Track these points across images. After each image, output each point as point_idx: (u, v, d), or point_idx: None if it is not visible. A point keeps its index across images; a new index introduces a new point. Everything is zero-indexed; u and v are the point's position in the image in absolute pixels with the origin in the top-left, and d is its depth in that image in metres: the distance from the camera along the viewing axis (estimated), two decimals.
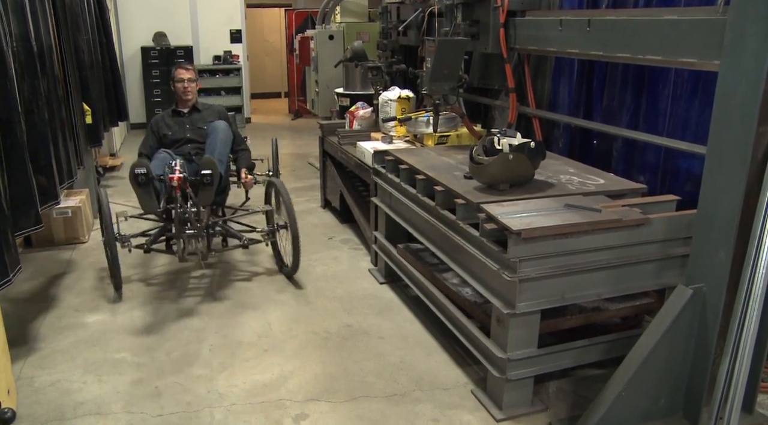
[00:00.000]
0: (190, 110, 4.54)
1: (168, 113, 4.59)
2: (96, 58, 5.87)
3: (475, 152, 3.09)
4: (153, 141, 4.46)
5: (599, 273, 2.71)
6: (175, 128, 4.45)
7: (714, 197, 2.43)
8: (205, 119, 4.50)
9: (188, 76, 4.49)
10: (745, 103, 2.27)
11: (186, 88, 4.48)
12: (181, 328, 3.59)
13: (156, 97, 9.71)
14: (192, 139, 4.42)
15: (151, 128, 4.52)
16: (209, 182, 3.69)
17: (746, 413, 2.67)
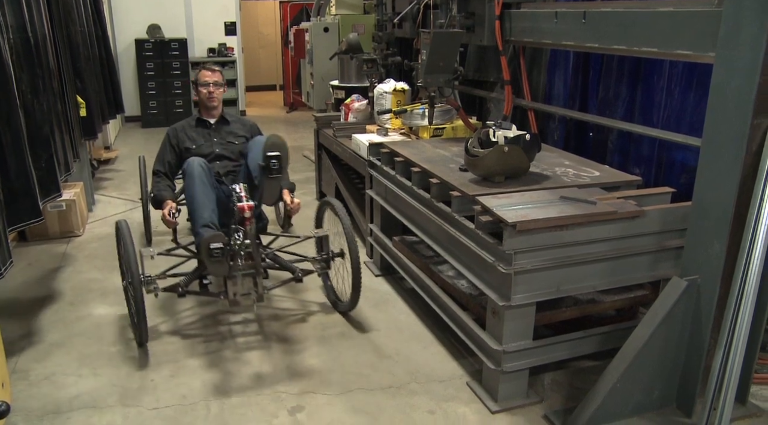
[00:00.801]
0: (217, 121, 3.88)
1: (189, 123, 3.88)
2: (91, 50, 5.83)
3: (471, 144, 3.08)
4: (172, 156, 3.75)
5: (594, 265, 2.72)
6: (200, 141, 3.78)
7: (709, 189, 2.44)
8: (236, 132, 3.86)
9: (214, 79, 3.81)
10: (740, 95, 2.27)
11: (211, 93, 3.80)
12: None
13: (150, 90, 9.66)
14: (222, 155, 3.75)
15: (169, 140, 3.79)
16: (277, 169, 3.09)
17: (739, 404, 2.69)
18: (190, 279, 3.36)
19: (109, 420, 2.71)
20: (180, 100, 9.81)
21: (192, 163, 3.36)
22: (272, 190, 3.19)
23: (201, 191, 3.30)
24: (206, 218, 3.22)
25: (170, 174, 3.73)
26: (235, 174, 3.71)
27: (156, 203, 3.55)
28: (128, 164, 7.37)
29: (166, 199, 3.48)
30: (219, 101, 3.85)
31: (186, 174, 3.38)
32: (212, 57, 10.24)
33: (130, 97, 9.87)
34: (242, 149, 3.75)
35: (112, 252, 4.56)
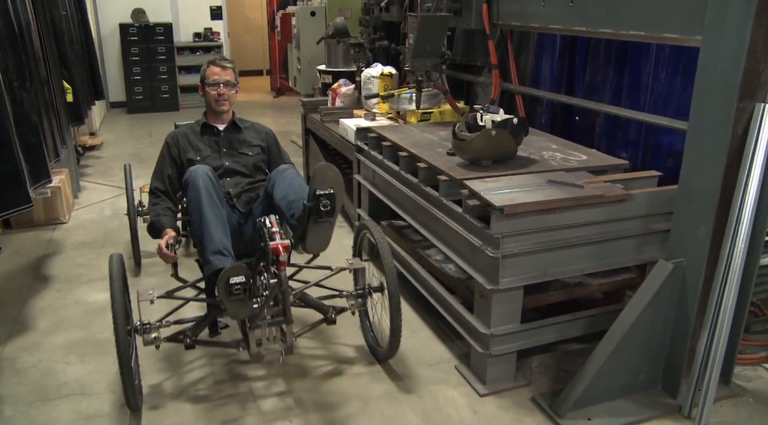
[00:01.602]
0: (227, 128, 3.19)
1: (193, 129, 3.19)
2: (74, 35, 5.75)
3: (458, 128, 3.08)
4: (172, 170, 3.05)
5: (581, 249, 2.73)
6: (206, 151, 3.10)
7: (695, 173, 2.45)
8: (249, 142, 3.19)
9: (225, 77, 3.10)
10: (726, 79, 2.28)
11: (221, 96, 3.10)
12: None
13: (135, 76, 9.56)
14: (233, 170, 3.08)
15: (169, 150, 3.09)
16: (329, 211, 2.41)
17: (724, 384, 2.72)
18: (200, 326, 2.72)
19: (97, 407, 2.70)
20: (166, 86, 9.72)
21: (196, 172, 2.73)
22: (320, 236, 2.49)
23: (209, 206, 2.65)
24: (218, 243, 2.59)
25: (172, 192, 3.04)
26: (249, 195, 3.03)
27: (153, 231, 2.90)
28: (113, 150, 7.31)
29: (165, 227, 2.84)
30: (230, 105, 3.16)
31: (189, 185, 2.72)
32: (198, 42, 10.15)
33: (115, 83, 9.79)
34: (257, 162, 3.14)
35: (99, 239, 4.57)
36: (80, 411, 2.68)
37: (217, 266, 2.52)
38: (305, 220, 2.43)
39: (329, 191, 2.39)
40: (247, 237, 2.94)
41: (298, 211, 2.57)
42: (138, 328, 2.55)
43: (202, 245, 2.65)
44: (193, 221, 2.71)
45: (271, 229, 2.48)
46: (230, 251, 2.62)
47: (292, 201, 2.67)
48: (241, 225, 2.96)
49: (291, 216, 2.65)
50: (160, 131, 8.32)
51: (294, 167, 2.95)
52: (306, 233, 2.46)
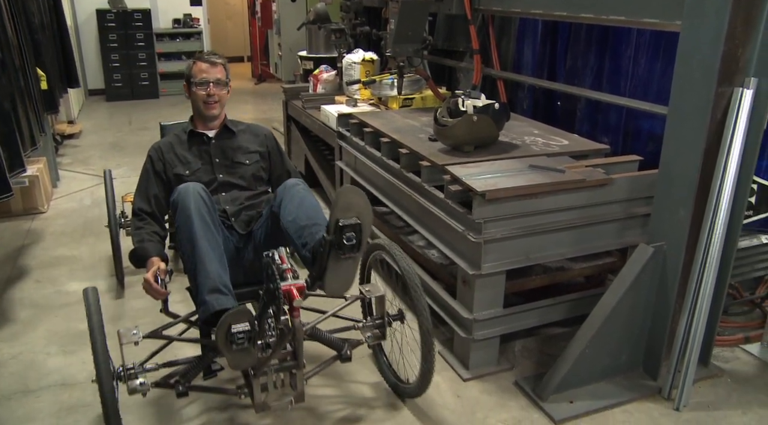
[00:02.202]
0: (218, 134, 2.78)
1: (179, 138, 2.76)
2: (45, 19, 5.62)
3: (440, 113, 3.07)
4: (158, 188, 2.66)
5: (563, 233, 2.74)
6: (195, 163, 2.70)
7: (674, 157, 2.47)
8: (245, 148, 2.78)
9: (215, 75, 2.69)
10: (705, 64, 2.29)
11: (210, 97, 2.69)
12: None
13: (114, 63, 9.42)
14: (229, 183, 2.70)
15: (152, 165, 2.69)
16: (354, 246, 2.08)
17: (702, 365, 2.76)
18: (194, 371, 2.30)
19: (79, 397, 2.68)
20: (145, 73, 9.60)
21: (185, 191, 2.32)
22: (343, 275, 2.13)
23: (203, 233, 2.24)
24: (215, 279, 2.18)
25: (158, 213, 2.64)
26: (249, 214, 2.65)
27: (137, 260, 2.47)
28: (92, 138, 7.22)
29: (151, 256, 2.41)
30: (221, 107, 2.75)
31: (178, 208, 2.30)
32: (177, 28, 10.02)
33: (93, 70, 9.64)
34: (256, 171, 2.75)
35: (79, 229, 4.52)
36: (62, 401, 2.66)
37: (215, 309, 2.12)
38: (325, 256, 2.07)
39: (355, 220, 2.04)
40: (247, 263, 2.55)
41: (312, 240, 2.21)
42: (120, 374, 2.11)
43: (195, 280, 2.23)
44: (184, 251, 2.27)
45: (281, 266, 2.09)
46: (229, 287, 2.21)
47: (303, 227, 2.27)
48: (240, 250, 2.56)
49: (303, 245, 2.25)
50: (140, 118, 8.24)
51: (303, 182, 2.50)
52: (325, 271, 2.09)
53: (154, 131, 7.42)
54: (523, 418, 2.53)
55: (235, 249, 2.55)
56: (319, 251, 2.13)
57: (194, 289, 2.27)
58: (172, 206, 2.39)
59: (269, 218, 2.51)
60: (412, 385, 2.52)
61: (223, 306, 2.13)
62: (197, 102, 2.73)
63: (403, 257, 2.41)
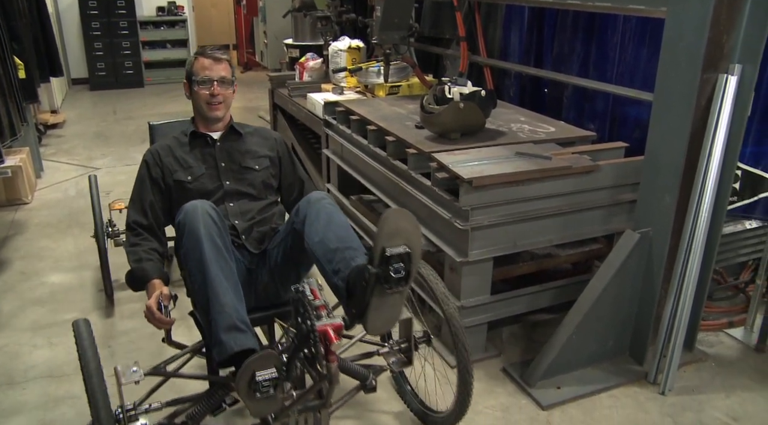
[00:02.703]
0: (223, 135, 2.47)
1: (179, 140, 2.45)
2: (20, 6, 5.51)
3: (426, 101, 3.06)
4: (156, 196, 2.34)
5: (550, 220, 2.75)
6: (198, 168, 2.38)
7: (660, 143, 2.48)
8: (254, 152, 2.47)
9: (219, 72, 2.39)
10: (690, 50, 2.30)
11: (215, 97, 2.39)
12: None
13: (97, 51, 9.29)
14: (237, 191, 2.38)
15: (149, 171, 2.36)
16: (402, 279, 1.74)
17: (687, 350, 2.79)
18: (202, 412, 2.05)
19: (66, 389, 2.67)
20: (129, 62, 9.48)
21: (193, 212, 2.00)
22: (387, 312, 1.81)
23: (216, 260, 1.93)
24: (231, 314, 1.88)
25: (156, 226, 2.33)
26: (262, 230, 2.34)
27: (134, 282, 2.17)
28: (76, 128, 7.14)
29: (151, 278, 2.13)
30: (226, 108, 2.46)
31: (186, 232, 1.99)
32: (161, 16, 9.91)
33: (76, 59, 9.51)
34: (266, 179, 2.44)
35: (64, 219, 4.48)
36: (49, 393, 2.64)
37: (233, 350, 1.82)
38: (369, 291, 1.75)
39: (403, 249, 1.72)
40: (260, 286, 2.26)
41: (346, 267, 1.90)
42: (120, 417, 1.86)
43: (207, 315, 1.92)
44: (194, 280, 1.97)
45: (314, 302, 1.77)
46: (247, 322, 1.91)
47: (334, 251, 1.95)
48: (252, 272, 2.26)
49: (334, 272, 1.94)
50: (124, 108, 8.16)
51: (328, 195, 2.21)
52: (367, 308, 1.76)
53: (140, 120, 7.40)
54: (510, 404, 2.54)
55: (247, 271, 2.24)
56: (358, 284, 1.80)
57: (205, 323, 1.97)
58: (178, 227, 2.05)
59: (289, 236, 2.19)
60: (445, 414, 2.29)
61: (243, 347, 1.83)
62: (199, 103, 2.41)
63: (436, 279, 2.21)
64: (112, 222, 3.41)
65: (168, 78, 9.92)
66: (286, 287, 2.17)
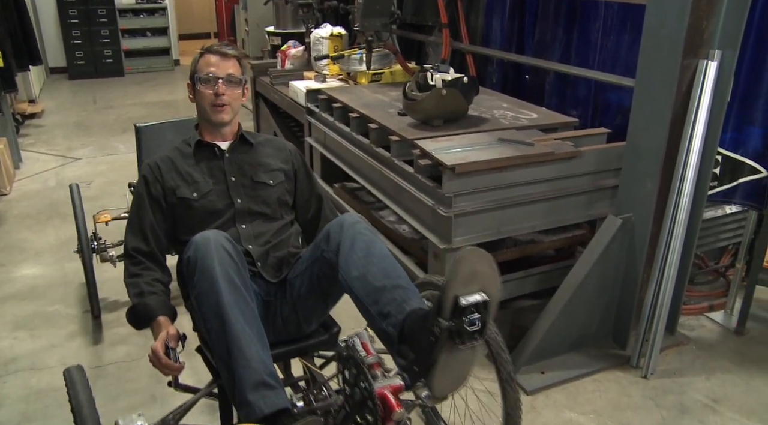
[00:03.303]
0: (233, 145, 2.14)
1: (181, 151, 2.12)
2: None
3: (409, 88, 3.06)
4: (157, 216, 2.02)
5: (533, 206, 2.76)
6: (205, 184, 2.05)
7: (642, 129, 2.49)
8: (267, 165, 2.14)
9: (226, 70, 2.06)
10: (671, 36, 2.31)
11: (220, 97, 2.05)
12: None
13: (75, 40, 9.15)
14: (248, 210, 2.06)
15: (147, 188, 2.04)
16: (478, 331, 1.48)
17: (669, 334, 2.82)
18: None
19: (48, 381, 2.64)
20: (109, 50, 9.35)
21: (205, 246, 1.71)
22: (457, 371, 1.53)
23: (234, 303, 1.66)
24: (258, 368, 1.61)
25: (159, 253, 2.02)
26: (279, 256, 2.02)
27: (137, 319, 1.90)
28: (55, 118, 7.05)
29: (156, 316, 1.86)
30: (234, 113, 2.12)
31: (198, 270, 1.69)
32: (141, 4, 9.77)
33: (54, 47, 9.34)
34: (281, 195, 2.13)
35: (44, 211, 4.43)
36: (31, 386, 2.62)
37: (264, 412, 1.55)
38: (438, 348, 1.47)
39: (480, 297, 1.47)
40: (279, 319, 1.95)
41: (398, 311, 1.62)
42: None
43: (228, 370, 1.63)
44: (209, 327, 1.67)
45: (367, 359, 1.54)
46: (277, 376, 1.64)
47: (380, 290, 1.67)
48: (270, 304, 1.95)
49: (382, 316, 1.65)
50: (104, 97, 8.06)
51: (364, 219, 1.87)
52: (434, 366, 1.47)
53: (120, 110, 7.33)
54: (495, 390, 2.55)
55: (264, 303, 1.91)
56: (421, 338, 1.51)
57: (226, 377, 1.65)
58: (187, 263, 1.74)
59: (315, 264, 1.87)
60: None
61: (275, 408, 1.56)
62: (203, 105, 2.08)
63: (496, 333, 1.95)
64: (97, 235, 3.13)
65: (149, 67, 9.81)
66: (310, 321, 1.96)
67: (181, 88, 8.79)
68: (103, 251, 3.10)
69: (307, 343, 1.98)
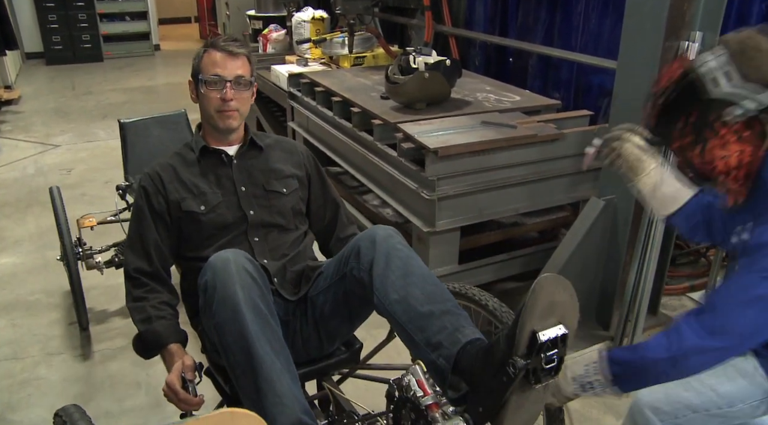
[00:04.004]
0: (241, 150, 1.92)
1: (182, 158, 1.90)
2: None
3: (391, 71, 3.04)
4: (162, 234, 1.82)
5: (516, 189, 2.76)
6: (213, 196, 1.84)
7: (624, 111, 2.49)
8: (279, 171, 1.94)
9: (235, 71, 1.82)
10: (653, 18, 2.30)
11: (227, 103, 1.81)
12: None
13: (52, 24, 8.98)
14: (261, 222, 1.86)
15: (149, 202, 1.83)
16: (554, 368, 1.33)
17: (652, 314, 2.84)
18: None
19: (31, 371, 2.63)
20: (87, 35, 9.19)
21: (223, 269, 1.52)
22: (530, 410, 1.38)
23: (261, 333, 1.49)
24: (293, 407, 1.45)
25: (165, 272, 1.84)
26: (296, 269, 1.85)
27: (145, 349, 1.74)
28: (33, 104, 6.94)
29: (167, 343, 1.70)
30: (243, 117, 1.89)
31: (216, 297, 1.51)
32: None
33: (30, 32, 9.15)
34: (295, 204, 1.94)
35: (24, 198, 4.37)
36: (14, 375, 2.60)
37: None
38: (511, 389, 1.29)
39: (560, 330, 1.32)
40: (300, 339, 1.79)
41: (451, 342, 1.44)
42: None
43: (257, 408, 1.43)
44: (233, 361, 1.50)
45: (425, 399, 1.39)
46: (311, 412, 1.48)
47: (426, 316, 1.49)
48: (289, 323, 1.77)
49: (431, 347, 1.46)
50: (83, 83, 7.94)
51: (397, 232, 1.68)
52: (506, 407, 1.32)
53: (100, 96, 7.23)
54: None
55: (282, 323, 1.63)
56: (486, 376, 1.33)
57: (256, 410, 1.37)
58: (205, 289, 1.54)
59: (342, 282, 1.71)
60: None
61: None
62: (208, 109, 1.84)
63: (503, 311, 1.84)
64: (82, 241, 2.91)
65: (128, 52, 9.68)
66: (334, 341, 1.82)
67: (161, 74, 8.70)
68: (89, 258, 2.90)
69: (328, 363, 1.85)
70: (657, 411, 1.50)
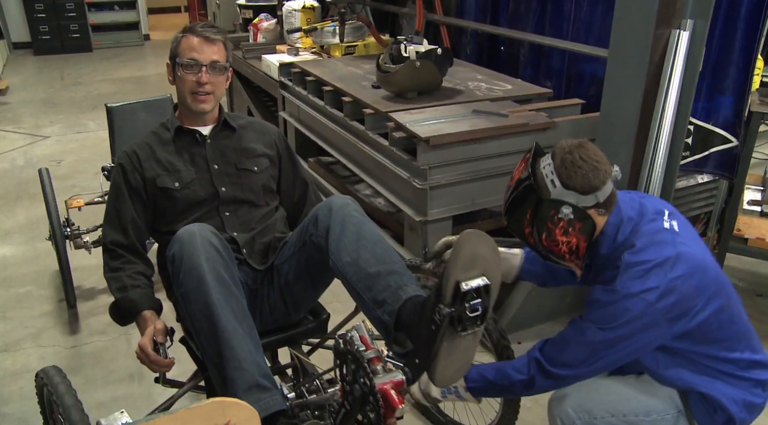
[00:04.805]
0: (215, 130, 2.02)
1: (158, 137, 2.00)
2: None
3: (382, 60, 3.03)
4: (138, 209, 1.92)
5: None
6: (187, 173, 1.95)
7: (615, 100, 2.50)
8: (251, 149, 2.03)
9: (210, 56, 1.91)
10: (644, 6, 2.30)
11: (202, 85, 1.90)
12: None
13: (39, 13, 8.88)
14: (233, 198, 1.96)
15: (125, 178, 1.93)
16: (479, 316, 1.43)
17: None
18: None
19: (23, 363, 2.62)
20: (75, 25, 9.10)
21: (189, 241, 1.64)
22: (459, 358, 1.50)
23: (224, 302, 1.59)
24: (252, 371, 1.55)
25: (140, 245, 1.93)
26: (264, 241, 1.94)
27: (121, 316, 1.83)
28: (21, 94, 6.89)
29: (141, 310, 1.79)
30: (216, 101, 1.98)
31: (183, 267, 1.62)
32: None
33: (16, 22, 9.04)
34: (266, 182, 2.03)
35: (13, 190, 4.35)
36: (5, 368, 2.59)
37: (259, 416, 1.41)
38: (440, 336, 1.41)
39: (482, 281, 1.41)
40: (266, 308, 1.89)
41: (394, 299, 1.55)
42: None
43: (220, 372, 1.57)
44: (198, 327, 1.61)
45: (367, 353, 1.44)
46: (271, 376, 1.58)
47: (374, 276, 1.61)
48: (257, 292, 1.88)
49: (377, 304, 1.58)
50: (72, 73, 7.88)
51: (354, 201, 1.79)
52: (437, 356, 1.43)
53: (89, 86, 7.18)
54: None
55: (250, 291, 1.83)
56: (421, 326, 1.44)
57: (216, 378, 1.60)
58: (173, 261, 1.65)
59: (303, 249, 1.81)
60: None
61: (270, 410, 1.51)
62: (183, 91, 1.92)
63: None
64: (70, 221, 3.01)
65: (117, 42, 9.60)
66: (299, 308, 1.91)
67: (151, 64, 8.63)
68: (77, 238, 2.98)
69: (295, 331, 1.93)
70: (577, 408, 1.67)
